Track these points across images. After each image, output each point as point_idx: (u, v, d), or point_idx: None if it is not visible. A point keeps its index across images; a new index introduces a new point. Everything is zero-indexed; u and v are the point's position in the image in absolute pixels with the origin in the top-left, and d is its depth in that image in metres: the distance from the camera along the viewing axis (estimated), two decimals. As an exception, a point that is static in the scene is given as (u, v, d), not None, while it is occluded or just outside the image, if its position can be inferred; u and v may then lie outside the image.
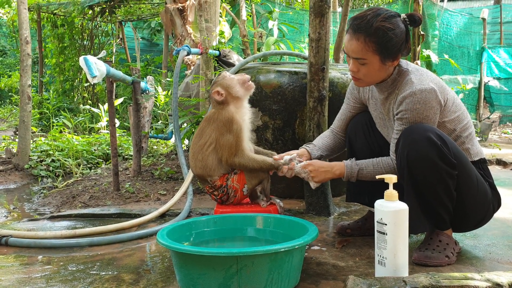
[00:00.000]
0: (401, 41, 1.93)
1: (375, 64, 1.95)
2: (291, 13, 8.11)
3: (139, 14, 9.71)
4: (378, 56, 1.93)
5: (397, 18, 1.94)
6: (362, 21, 1.91)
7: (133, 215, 2.81)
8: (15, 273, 1.94)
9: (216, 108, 2.40)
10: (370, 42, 1.90)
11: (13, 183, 4.08)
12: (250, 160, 2.30)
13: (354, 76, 2.03)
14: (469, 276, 1.54)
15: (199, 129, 2.41)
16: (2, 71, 12.97)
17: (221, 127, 2.31)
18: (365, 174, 2.09)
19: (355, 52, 1.94)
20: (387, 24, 1.90)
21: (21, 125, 4.40)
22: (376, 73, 1.98)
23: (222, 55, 4.13)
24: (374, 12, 1.93)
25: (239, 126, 2.31)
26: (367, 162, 2.09)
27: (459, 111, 2.01)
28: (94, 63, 3.02)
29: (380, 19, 1.90)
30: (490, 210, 2.02)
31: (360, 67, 1.97)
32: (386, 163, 2.05)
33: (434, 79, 1.98)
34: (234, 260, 1.56)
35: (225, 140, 2.29)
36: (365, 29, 1.90)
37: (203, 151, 2.34)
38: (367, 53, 1.92)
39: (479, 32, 8.56)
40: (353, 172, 2.09)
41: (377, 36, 1.89)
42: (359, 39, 1.91)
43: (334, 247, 2.17)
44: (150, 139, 5.33)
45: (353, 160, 2.13)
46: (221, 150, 2.31)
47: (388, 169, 2.04)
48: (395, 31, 1.91)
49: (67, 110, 7.80)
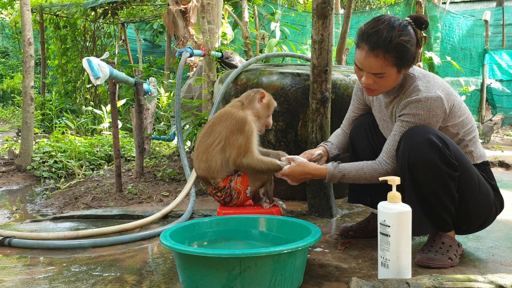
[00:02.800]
0: (416, 49, 1.93)
1: (393, 76, 1.93)
2: (293, 15, 8.12)
3: (141, 16, 9.74)
4: (396, 67, 1.91)
5: (408, 26, 1.91)
6: (380, 38, 1.86)
7: (135, 217, 2.82)
8: (18, 274, 1.95)
9: (235, 105, 2.39)
10: (390, 57, 1.87)
11: (16, 184, 4.08)
12: (258, 161, 2.29)
13: (368, 88, 1.99)
14: (472, 278, 1.54)
15: (207, 127, 2.39)
16: (5, 72, 13.00)
17: (233, 125, 2.30)
18: (348, 179, 2.08)
19: (373, 69, 1.91)
20: (404, 37, 1.87)
21: (23, 126, 4.41)
22: (392, 83, 1.96)
23: (225, 57, 4.13)
24: (388, 25, 1.88)
25: (251, 128, 2.31)
26: (351, 167, 2.07)
27: (464, 116, 2.00)
28: (97, 64, 3.03)
29: (397, 33, 1.86)
30: (492, 212, 2.02)
31: (376, 80, 1.94)
32: (371, 168, 2.03)
33: (441, 86, 1.96)
34: (237, 261, 1.56)
35: (235, 140, 2.29)
36: (384, 45, 1.86)
37: (208, 151, 2.33)
38: (386, 68, 1.90)
39: (481, 34, 8.55)
40: (335, 178, 2.08)
41: (397, 51, 1.87)
42: (378, 56, 1.87)
43: (337, 249, 2.17)
44: (153, 140, 5.34)
45: (336, 164, 2.10)
46: (230, 150, 2.30)
47: (373, 174, 2.02)
48: (411, 42, 1.90)
49: (69, 111, 7.82)
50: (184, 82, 4.95)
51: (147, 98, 4.29)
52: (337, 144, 2.36)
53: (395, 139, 1.98)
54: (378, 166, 2.02)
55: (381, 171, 2.01)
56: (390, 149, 2.00)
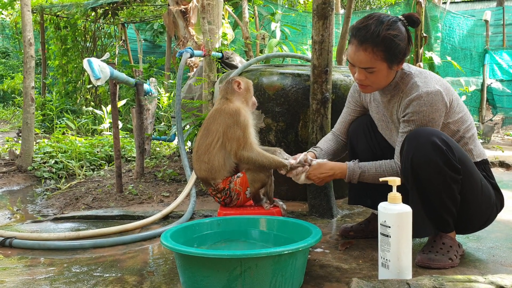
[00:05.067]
0: (406, 45, 1.94)
1: (383, 71, 1.95)
2: (293, 15, 8.12)
3: (142, 16, 9.74)
4: (386, 63, 1.93)
5: (398, 22, 1.94)
6: (368, 32, 1.90)
7: (136, 217, 2.82)
8: (19, 274, 1.95)
9: (222, 102, 2.40)
10: (378, 51, 1.90)
11: (17, 185, 4.09)
12: (259, 155, 2.29)
13: (361, 84, 2.02)
14: (473, 278, 1.55)
15: (203, 129, 2.41)
16: (5, 72, 13.00)
17: (228, 119, 2.31)
18: (367, 177, 2.09)
19: (363, 63, 1.94)
20: (392, 31, 1.90)
21: (24, 127, 4.41)
22: (384, 78, 1.98)
23: (225, 57, 4.14)
24: (377, 20, 1.92)
25: (245, 118, 2.32)
26: (370, 164, 2.09)
27: (462, 112, 2.02)
28: (98, 65, 3.03)
29: (385, 27, 1.89)
30: (493, 212, 2.03)
31: (368, 75, 1.96)
32: (389, 166, 2.06)
33: (439, 81, 1.99)
34: (238, 262, 1.56)
35: (233, 132, 2.29)
36: (371, 39, 1.89)
37: (209, 151, 2.34)
38: (375, 62, 1.92)
39: (482, 34, 8.55)
40: (355, 174, 2.10)
41: (384, 45, 1.89)
42: (367, 49, 1.90)
43: (337, 250, 2.17)
44: (153, 141, 5.34)
45: (356, 162, 2.13)
46: (230, 144, 2.31)
47: (391, 172, 2.04)
48: (400, 37, 1.91)
49: (70, 111, 7.82)
50: (184, 83, 4.96)
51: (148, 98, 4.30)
52: (327, 150, 2.34)
53: (403, 140, 1.98)
54: (394, 165, 2.05)
55: (398, 169, 2.03)
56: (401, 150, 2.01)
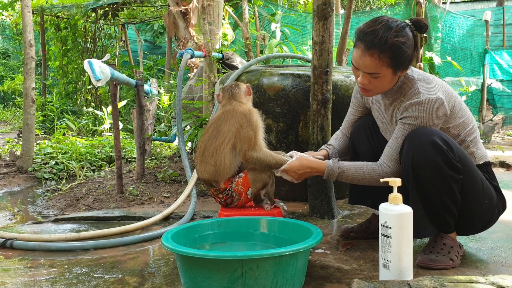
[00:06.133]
0: (412, 51, 1.93)
1: (388, 77, 1.94)
2: (293, 16, 8.13)
3: (142, 17, 9.74)
4: (392, 69, 1.91)
5: (406, 28, 1.91)
6: (375, 37, 1.87)
7: (137, 218, 2.82)
8: (20, 276, 1.95)
9: (233, 104, 2.40)
10: (384, 57, 1.88)
11: (17, 186, 4.09)
12: (267, 155, 2.29)
13: (364, 88, 2.00)
14: (474, 279, 1.54)
15: (211, 130, 2.36)
16: (6, 73, 13.00)
17: (241, 119, 2.31)
18: (346, 177, 2.07)
19: (368, 68, 1.92)
20: (400, 38, 1.87)
21: (24, 128, 4.42)
22: (387, 84, 1.97)
23: (225, 58, 4.14)
24: (385, 25, 1.88)
25: (258, 119, 2.35)
26: (350, 165, 2.08)
27: (464, 116, 2.00)
28: (98, 66, 3.03)
29: (393, 33, 1.87)
30: (495, 213, 2.02)
31: (372, 80, 1.95)
32: (371, 169, 2.03)
33: (441, 87, 1.96)
34: (239, 263, 1.56)
35: (245, 132, 2.29)
36: (379, 45, 1.87)
37: (217, 153, 2.31)
38: (381, 68, 1.90)
39: (482, 34, 8.55)
40: (333, 174, 2.08)
41: (392, 51, 1.87)
42: (373, 55, 1.88)
43: (338, 250, 2.17)
44: (154, 141, 5.34)
45: (335, 161, 2.11)
46: (240, 144, 2.30)
47: (372, 175, 2.02)
48: (407, 44, 1.89)
49: (70, 112, 7.83)
50: (185, 83, 4.96)
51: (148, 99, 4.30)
52: (338, 148, 2.35)
53: (397, 141, 1.98)
54: (378, 168, 2.02)
55: (380, 173, 2.01)
56: (392, 151, 2.00)
